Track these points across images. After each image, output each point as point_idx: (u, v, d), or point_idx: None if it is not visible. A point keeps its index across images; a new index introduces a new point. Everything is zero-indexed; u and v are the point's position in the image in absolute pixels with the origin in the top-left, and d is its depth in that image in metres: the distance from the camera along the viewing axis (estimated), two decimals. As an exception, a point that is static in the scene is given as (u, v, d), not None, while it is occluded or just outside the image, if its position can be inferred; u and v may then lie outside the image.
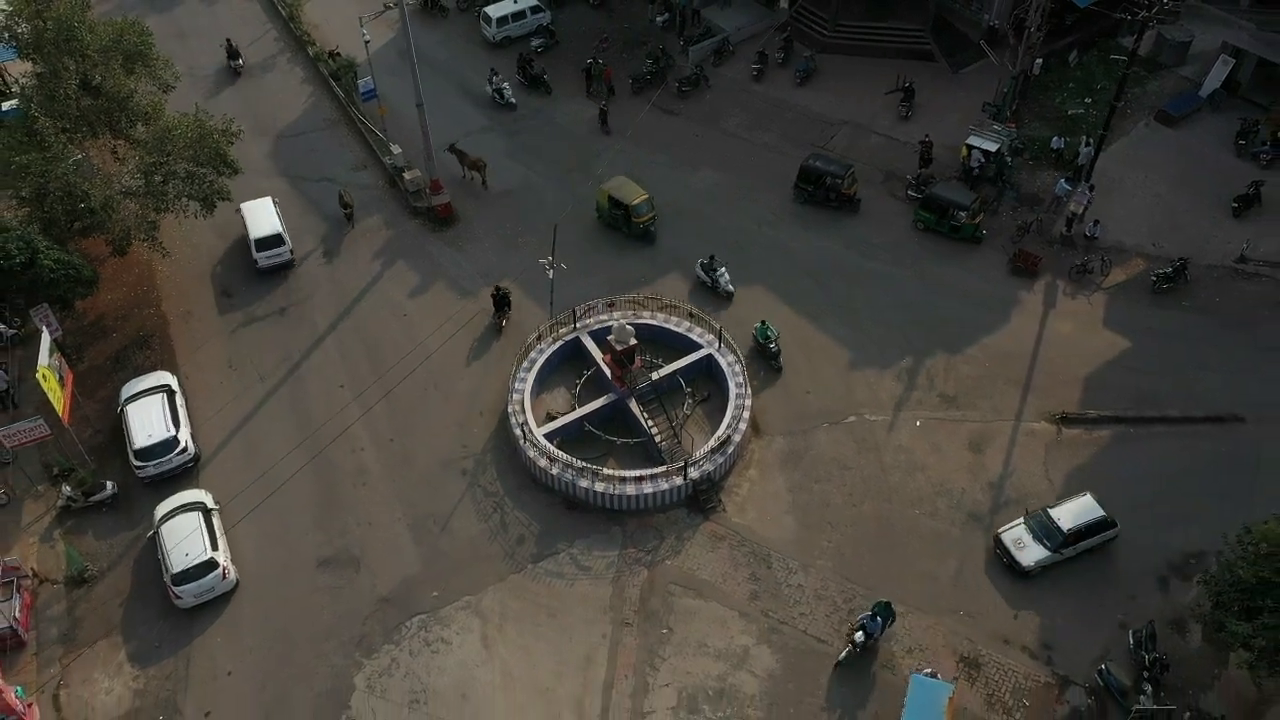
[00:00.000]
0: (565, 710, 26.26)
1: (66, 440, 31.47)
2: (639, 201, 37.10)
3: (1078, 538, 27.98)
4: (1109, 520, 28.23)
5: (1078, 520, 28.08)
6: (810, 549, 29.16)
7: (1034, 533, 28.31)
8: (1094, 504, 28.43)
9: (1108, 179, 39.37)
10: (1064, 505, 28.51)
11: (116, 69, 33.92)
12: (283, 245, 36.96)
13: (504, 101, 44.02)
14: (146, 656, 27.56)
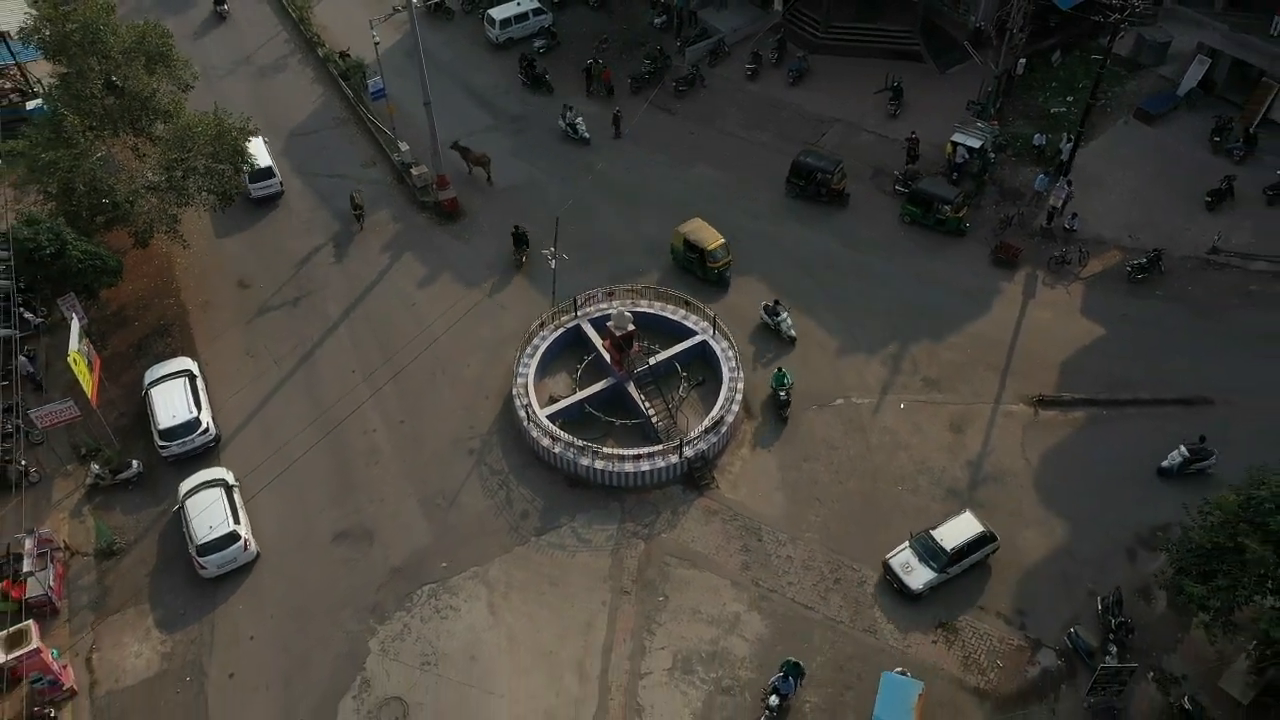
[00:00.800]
0: (567, 671, 28.06)
1: (94, 422, 33.25)
2: (715, 247, 36.77)
3: (961, 556, 28.76)
4: (989, 535, 29.15)
5: (960, 539, 28.81)
6: (799, 523, 30.94)
7: (920, 555, 29.03)
8: (974, 520, 29.35)
9: (1088, 175, 41.16)
10: (946, 525, 29.23)
11: (139, 69, 35.71)
12: (273, 178, 40.96)
13: (577, 136, 43.65)
14: (173, 623, 29.35)
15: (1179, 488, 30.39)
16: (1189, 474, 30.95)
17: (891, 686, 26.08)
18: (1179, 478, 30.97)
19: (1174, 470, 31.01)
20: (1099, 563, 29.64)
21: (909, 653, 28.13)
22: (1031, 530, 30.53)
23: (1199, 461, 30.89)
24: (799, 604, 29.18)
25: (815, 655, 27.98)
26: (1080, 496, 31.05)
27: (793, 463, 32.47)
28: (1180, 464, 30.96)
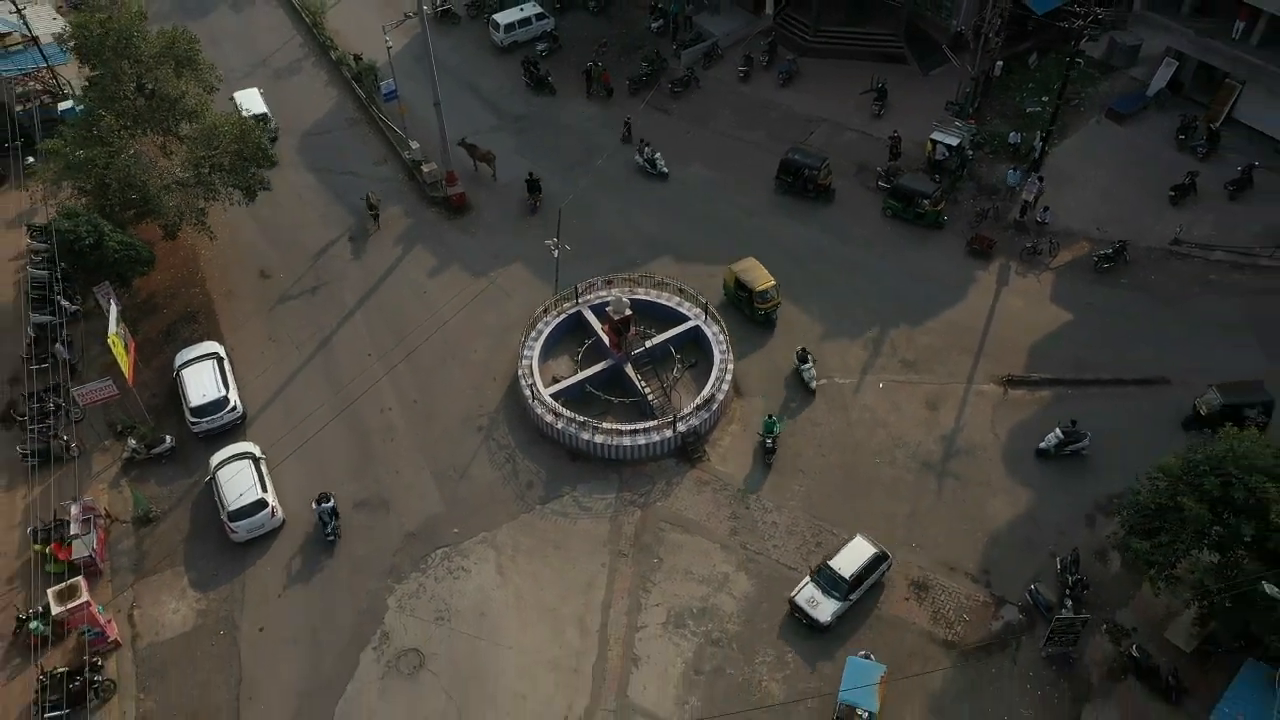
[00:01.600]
0: (569, 626, 30.72)
1: (130, 400, 35.94)
2: (765, 288, 37.35)
3: (860, 581, 30.16)
4: (882, 554, 30.76)
5: (856, 564, 30.24)
6: (783, 492, 33.59)
7: (823, 588, 30.16)
8: (866, 544, 30.85)
9: (1060, 171, 43.81)
10: (840, 554, 30.58)
11: (169, 73, 38.37)
12: (270, 122, 46.27)
13: (655, 171, 44.32)
14: (206, 583, 32.04)
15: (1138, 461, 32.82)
16: (1064, 455, 33.49)
17: (856, 669, 28.04)
18: (1055, 459, 33.50)
19: (1050, 451, 33.59)
20: (1059, 527, 32.28)
21: (882, 608, 30.80)
22: (998, 499, 33.18)
23: (1073, 443, 33.45)
24: (783, 565, 31.83)
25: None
26: (1043, 468, 33.68)
27: (779, 438, 35.04)
28: (1056, 445, 33.54)
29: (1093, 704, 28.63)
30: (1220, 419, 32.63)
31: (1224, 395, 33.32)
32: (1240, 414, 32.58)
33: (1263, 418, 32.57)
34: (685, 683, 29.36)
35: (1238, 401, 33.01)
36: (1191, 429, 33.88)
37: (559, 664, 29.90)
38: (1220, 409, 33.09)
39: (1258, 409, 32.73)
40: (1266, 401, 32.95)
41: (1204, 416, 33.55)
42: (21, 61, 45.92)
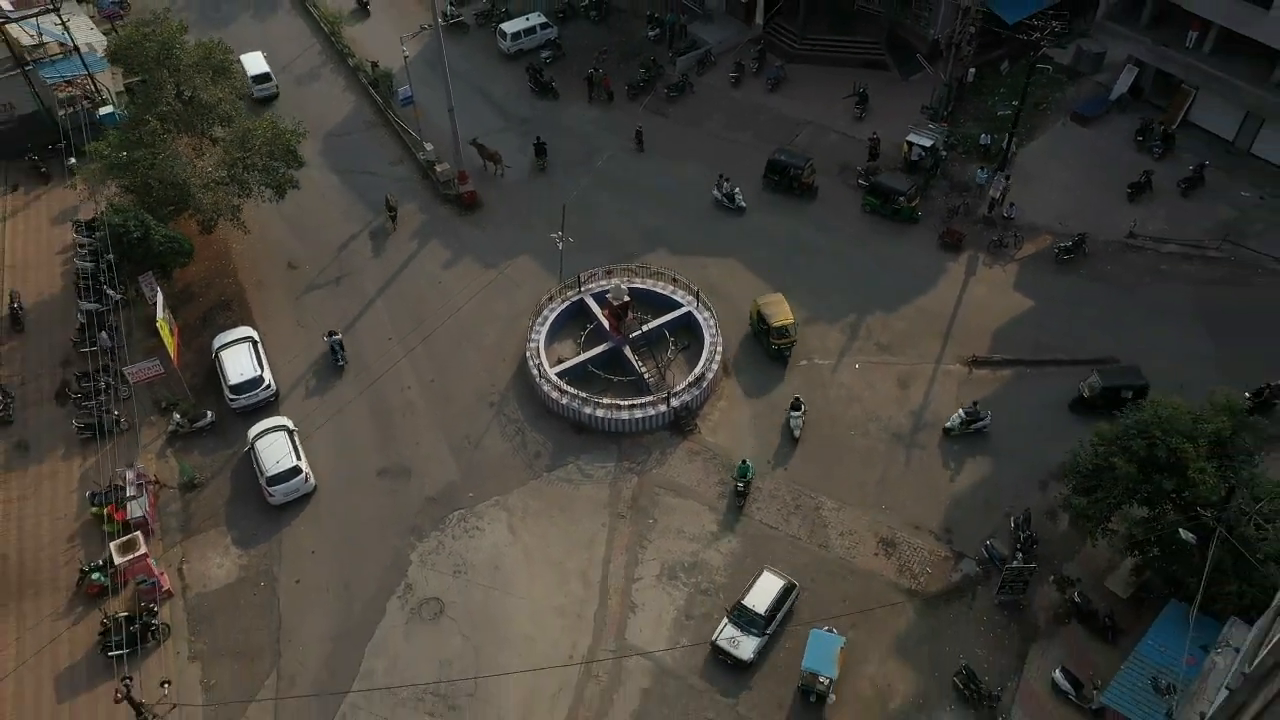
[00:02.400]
0: (573, 578, 34.44)
1: (173, 379, 39.66)
2: (782, 324, 38.91)
3: (774, 614, 31.90)
4: (790, 585, 32.59)
5: (769, 599, 31.96)
6: (766, 461, 37.28)
7: (741, 627, 31.76)
8: (774, 577, 32.56)
9: (1027, 170, 47.52)
10: (752, 592, 32.25)
11: (206, 81, 42.08)
12: (270, 81, 53.16)
13: (734, 206, 45.93)
14: (247, 541, 35.77)
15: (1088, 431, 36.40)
16: (969, 433, 37.19)
17: (818, 640, 30.61)
18: (960, 436, 37.21)
19: (954, 429, 37.22)
20: (1015, 490, 35.96)
21: (855, 562, 34.48)
22: (960, 466, 36.84)
23: (975, 422, 37.13)
24: (765, 525, 35.52)
25: (778, 564, 34.25)
26: (1002, 438, 37.37)
27: (763, 413, 38.80)
28: (960, 423, 37.20)
29: (1039, 643, 32.31)
30: (1101, 400, 36.67)
31: (1104, 379, 37.15)
32: (1119, 395, 36.52)
33: (1139, 400, 36.26)
34: (677, 626, 33.05)
35: (1116, 384, 36.87)
36: (1077, 410, 37.54)
37: (564, 610, 33.61)
38: (1101, 391, 36.89)
39: (1133, 391, 36.48)
40: (1141, 385, 36.66)
41: (1086, 399, 37.25)
42: (64, 69, 49.63)
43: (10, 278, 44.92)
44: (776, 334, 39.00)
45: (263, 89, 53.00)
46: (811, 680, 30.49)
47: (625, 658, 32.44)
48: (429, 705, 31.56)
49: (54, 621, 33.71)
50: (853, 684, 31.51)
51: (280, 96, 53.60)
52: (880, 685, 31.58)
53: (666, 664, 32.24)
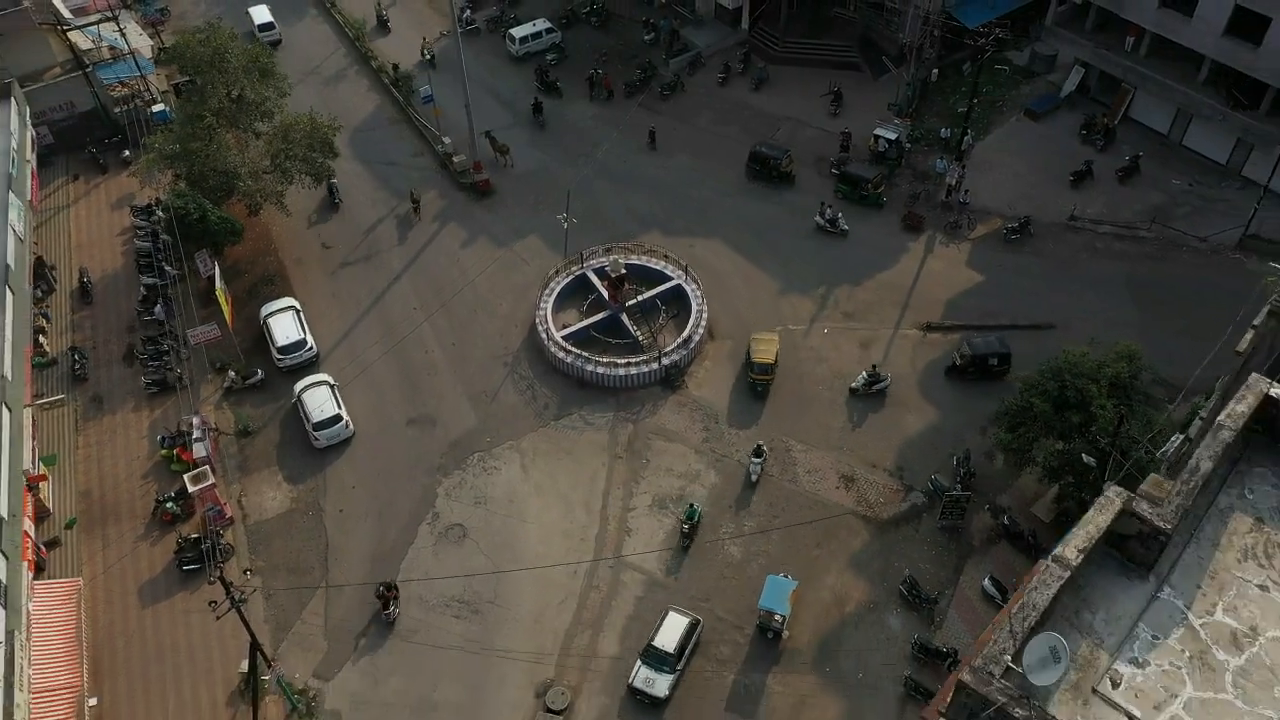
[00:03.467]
0: (577, 507, 40.39)
1: (227, 342, 45.59)
2: (760, 361, 42.47)
3: (683, 650, 34.67)
4: (695, 621, 35.57)
5: (677, 637, 34.71)
6: (744, 411, 43.21)
7: (653, 667, 34.47)
8: (679, 616, 35.31)
9: (982, 160, 53.42)
10: (660, 633, 34.87)
11: (254, 82, 48.03)
12: (274, 29, 63.02)
13: (837, 230, 49.43)
14: (296, 478, 41.73)
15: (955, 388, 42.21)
16: (871, 393, 43.01)
17: (774, 584, 35.24)
18: (863, 396, 43.00)
19: (859, 389, 43.01)
20: (958, 434, 41.90)
21: (819, 494, 40.41)
22: (912, 414, 42.81)
23: (876, 383, 42.96)
24: (741, 464, 41.47)
25: (753, 497, 40.25)
26: (949, 391, 43.32)
27: (742, 371, 44.73)
28: (864, 383, 43.01)
29: (973, 559, 38.29)
30: (971, 367, 42.65)
31: (973, 349, 42.98)
32: (986, 363, 42.57)
33: (1003, 366, 42.53)
34: (672, 545, 38.99)
35: (984, 353, 42.79)
36: (951, 375, 43.40)
37: (570, 534, 39.57)
38: (970, 359, 42.81)
39: (998, 359, 42.59)
40: (1004, 353, 42.70)
41: (959, 365, 43.18)
42: (120, 71, 55.58)
43: (78, 256, 50.85)
44: (756, 369, 42.75)
45: (268, 35, 62.74)
46: (768, 618, 35.51)
47: (621, 571, 38.40)
48: (455, 610, 37.53)
49: (134, 543, 39.71)
50: (816, 591, 37.44)
51: (283, 43, 64.05)
52: (839, 592, 37.54)
53: (656, 577, 38.21)
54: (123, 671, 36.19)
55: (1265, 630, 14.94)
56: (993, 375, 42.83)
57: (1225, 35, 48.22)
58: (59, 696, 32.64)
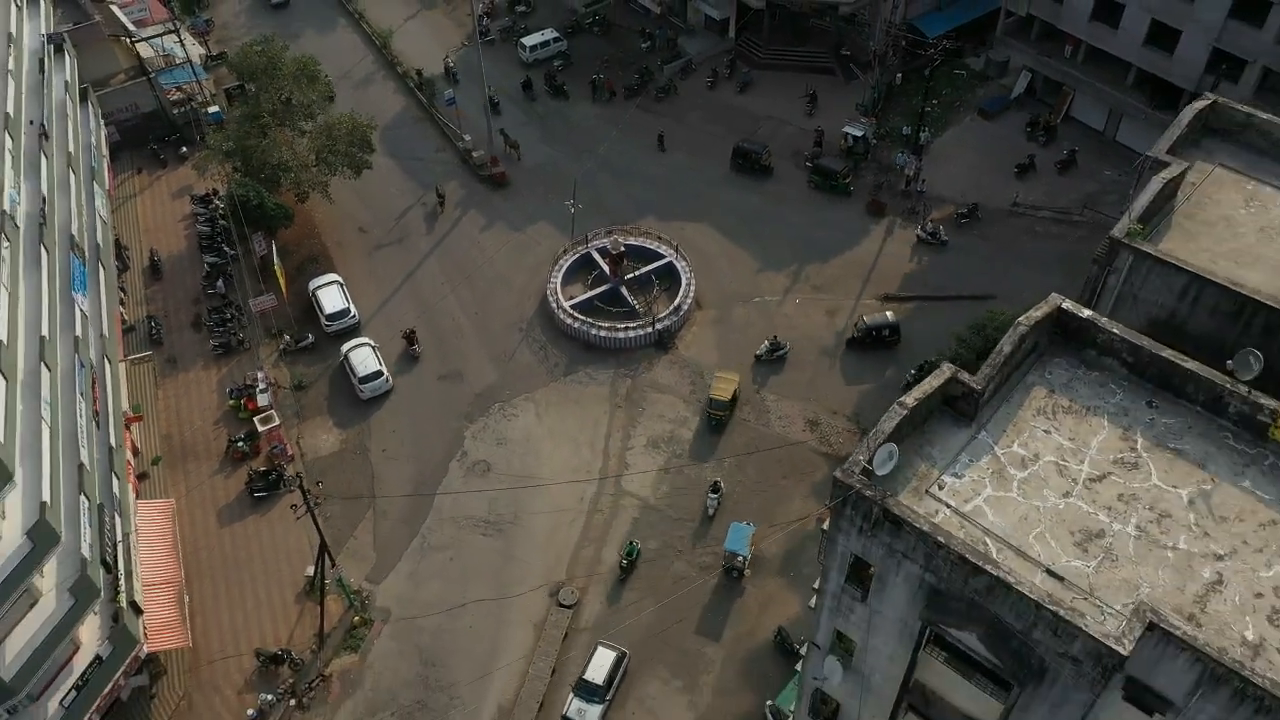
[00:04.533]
0: (583, 447, 48.24)
1: (282, 312, 53.50)
2: (716, 398, 47.43)
3: (611, 681, 39.02)
4: (622, 654, 39.80)
5: (605, 670, 38.98)
6: (727, 367, 51.02)
7: (584, 698, 38.55)
8: (607, 651, 39.47)
9: (939, 154, 61.30)
10: (590, 666, 39.28)
11: (303, 86, 55.94)
12: None
13: (936, 241, 55.62)
14: (345, 424, 49.63)
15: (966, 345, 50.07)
16: (774, 359, 50.58)
17: (736, 530, 42.24)
18: (766, 361, 50.54)
19: (763, 356, 50.46)
20: (901, 383, 49.70)
21: (789, 435, 48.25)
22: (867, 370, 50.66)
23: (776, 351, 50.46)
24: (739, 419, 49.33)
25: (731, 437, 48.09)
26: (903, 349, 51.13)
27: (725, 335, 52.59)
28: (766, 351, 50.48)
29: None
30: (866, 338, 50.37)
31: (868, 322, 50.62)
32: (880, 335, 50.26)
33: (893, 337, 50.22)
34: (658, 478, 46.89)
35: (876, 325, 50.44)
36: (852, 346, 51.01)
37: (577, 468, 47.44)
38: (866, 330, 50.51)
39: (889, 330, 50.28)
40: (894, 325, 50.37)
41: (857, 337, 50.87)
42: (178, 76, 63.54)
43: (146, 239, 58.78)
44: (714, 405, 47.69)
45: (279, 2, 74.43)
46: (731, 559, 42.82)
47: (620, 498, 46.32)
48: (482, 529, 45.46)
49: (210, 476, 47.64)
50: (783, 515, 45.25)
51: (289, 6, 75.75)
52: (800, 513, 45.45)
53: (650, 502, 46.11)
54: (207, 577, 44.11)
55: (1043, 456, 22.77)
56: (886, 345, 50.65)
57: (1145, 45, 56.10)
58: (163, 590, 40.53)
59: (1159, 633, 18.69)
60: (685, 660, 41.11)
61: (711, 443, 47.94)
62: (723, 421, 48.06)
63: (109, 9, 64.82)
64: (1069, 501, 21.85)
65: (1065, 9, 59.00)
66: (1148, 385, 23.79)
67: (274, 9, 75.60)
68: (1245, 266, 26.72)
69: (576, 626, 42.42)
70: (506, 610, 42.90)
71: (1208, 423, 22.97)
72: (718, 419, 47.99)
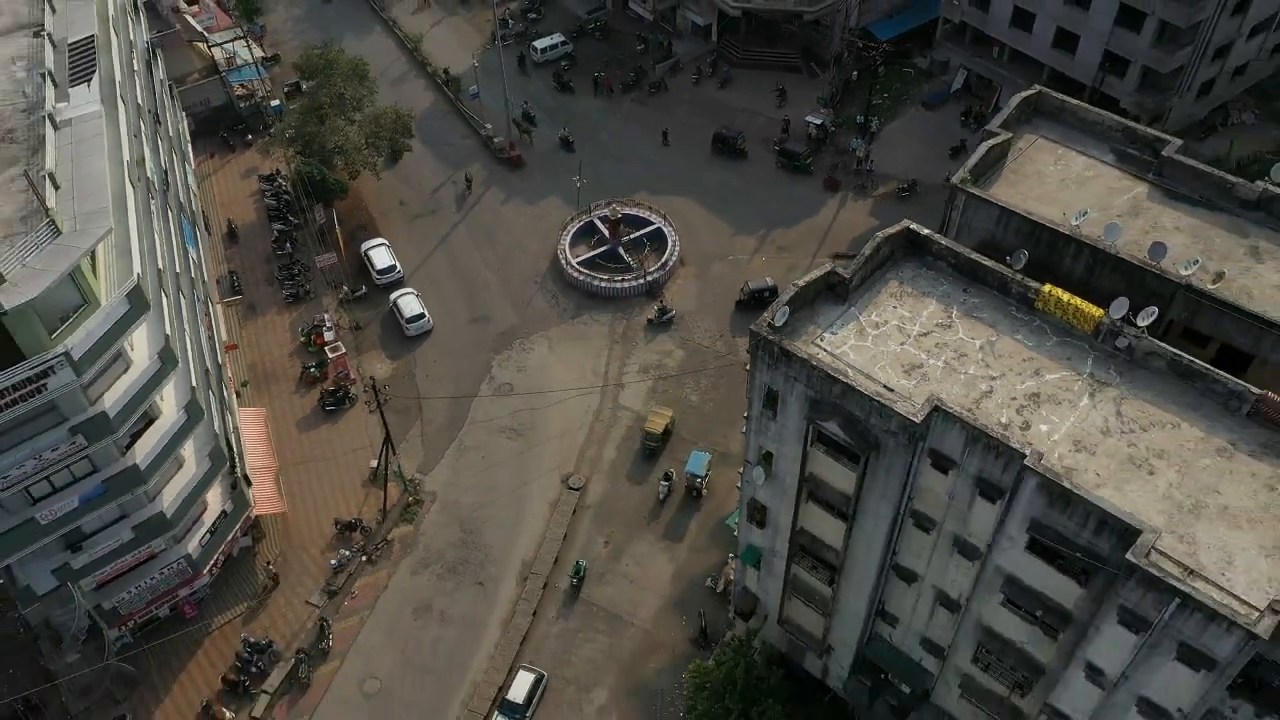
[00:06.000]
0: (588, 372, 60.87)
1: (340, 267, 66.19)
2: (649, 430, 55.89)
3: (530, 700, 46.44)
4: (540, 676, 47.43)
5: (525, 691, 46.56)
6: (704, 310, 63.63)
7: (507, 716, 45.74)
8: (527, 674, 47.01)
9: (887, 140, 73.91)
10: (513, 687, 46.83)
11: (354, 84, 68.64)
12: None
13: None
14: (395, 355, 62.34)
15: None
16: (662, 322, 62.77)
17: (696, 456, 54.17)
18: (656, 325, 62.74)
19: (655, 321, 62.58)
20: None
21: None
22: (820, 312, 63.22)
23: (665, 315, 62.40)
24: (702, 345, 61.96)
25: (707, 365, 60.69)
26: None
27: (704, 286, 65.21)
28: (657, 315, 62.65)
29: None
30: (750, 300, 62.19)
31: (752, 286, 62.66)
32: (761, 296, 62.07)
33: (771, 297, 61.11)
34: (648, 395, 59.52)
35: (758, 289, 62.39)
36: (740, 307, 63.02)
37: (583, 389, 60.08)
38: (750, 294, 62.59)
39: (769, 292, 62.07)
40: (773, 288, 62.08)
41: (743, 300, 63.06)
42: (243, 75, 76.33)
43: (223, 210, 71.52)
44: (647, 436, 56.00)
45: None
46: (692, 480, 54.87)
47: (617, 410, 58.98)
48: (507, 434, 58.13)
49: (289, 396, 60.34)
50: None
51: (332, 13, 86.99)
52: (761, 421, 57.96)
53: (643, 416, 58.70)
54: (293, 469, 56.78)
55: (890, 322, 35.25)
56: (765, 305, 61.94)
57: (1053, 47, 68.76)
58: (263, 472, 53.20)
59: (941, 413, 31.24)
60: (668, 530, 53.76)
61: (690, 367, 60.57)
62: (656, 451, 56.43)
63: (184, 18, 77.57)
64: (903, 348, 34.43)
65: (991, 17, 71.69)
66: (964, 278, 36.36)
67: (319, 14, 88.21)
68: (1044, 205, 39.15)
69: (583, 504, 55.09)
70: (527, 493, 55.57)
71: (999, 300, 35.52)
72: (649, 449, 56.45)
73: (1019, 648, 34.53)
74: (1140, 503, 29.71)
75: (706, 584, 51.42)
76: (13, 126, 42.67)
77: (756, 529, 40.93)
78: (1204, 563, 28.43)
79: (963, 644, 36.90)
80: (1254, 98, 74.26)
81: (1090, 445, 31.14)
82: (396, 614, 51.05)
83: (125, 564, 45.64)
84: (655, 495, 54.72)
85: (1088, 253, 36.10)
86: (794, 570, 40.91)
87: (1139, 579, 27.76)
